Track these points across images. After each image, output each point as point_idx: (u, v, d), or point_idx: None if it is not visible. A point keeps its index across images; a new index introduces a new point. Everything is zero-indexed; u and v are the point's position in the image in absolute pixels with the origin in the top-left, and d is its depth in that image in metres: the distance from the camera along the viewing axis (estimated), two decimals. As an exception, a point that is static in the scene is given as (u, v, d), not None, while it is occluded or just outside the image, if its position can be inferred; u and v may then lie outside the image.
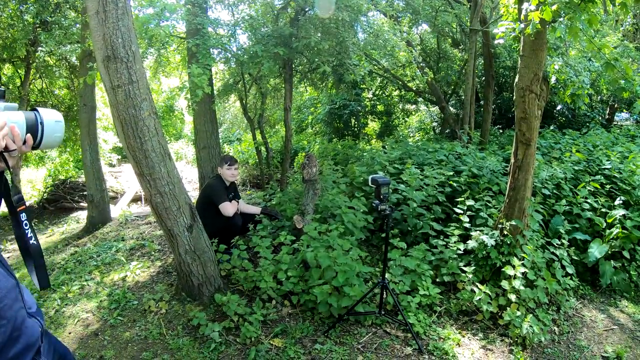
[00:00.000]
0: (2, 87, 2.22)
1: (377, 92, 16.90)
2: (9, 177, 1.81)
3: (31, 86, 11.98)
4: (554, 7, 4.13)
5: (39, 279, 1.85)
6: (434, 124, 17.72)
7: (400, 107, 17.79)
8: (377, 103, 17.01)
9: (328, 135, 16.74)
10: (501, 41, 5.34)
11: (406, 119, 18.35)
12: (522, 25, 4.48)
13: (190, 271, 5.06)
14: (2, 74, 11.56)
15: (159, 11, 6.05)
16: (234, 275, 5.51)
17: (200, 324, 4.65)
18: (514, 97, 5.16)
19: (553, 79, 6.31)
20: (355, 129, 16.97)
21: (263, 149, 9.68)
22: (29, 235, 1.80)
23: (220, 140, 10.16)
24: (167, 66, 10.97)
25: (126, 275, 6.09)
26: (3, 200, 1.79)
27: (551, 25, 4.32)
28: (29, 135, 1.77)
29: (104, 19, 4.05)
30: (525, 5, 4.36)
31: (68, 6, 9.88)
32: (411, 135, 17.88)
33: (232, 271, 5.56)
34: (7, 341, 1.59)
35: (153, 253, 6.93)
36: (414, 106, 18.22)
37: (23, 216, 1.81)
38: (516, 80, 5.05)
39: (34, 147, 1.81)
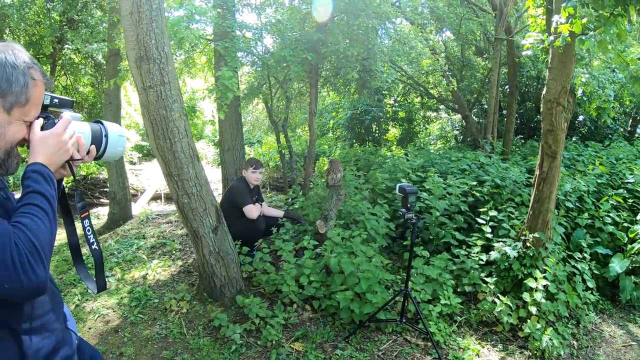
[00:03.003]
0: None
1: (399, 99, 16.88)
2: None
3: (55, 83, 12.11)
4: (584, 20, 4.13)
5: (98, 282, 1.90)
6: (456, 132, 17.66)
7: (422, 114, 17.74)
8: (399, 109, 16.98)
9: (349, 141, 16.73)
10: (529, 52, 5.34)
11: (427, 126, 18.29)
12: (552, 38, 4.47)
13: (213, 272, 5.10)
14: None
15: (189, 14, 6.10)
16: (255, 278, 5.55)
17: (222, 325, 4.69)
18: (541, 109, 5.14)
19: (579, 92, 6.30)
20: (376, 135, 16.94)
21: (286, 152, 9.70)
22: (91, 240, 1.84)
23: (242, 142, 10.19)
24: (193, 67, 11.04)
25: (147, 274, 6.16)
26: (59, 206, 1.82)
27: (579, 38, 4.32)
28: (93, 146, 1.83)
29: (138, 20, 4.09)
30: (555, 17, 4.35)
31: (95, 5, 10.00)
32: (432, 143, 17.83)
33: (253, 273, 5.61)
34: (50, 352, 1.65)
35: (174, 252, 6.98)
36: (435, 113, 18.16)
37: (86, 222, 1.85)
38: (544, 92, 5.04)
39: (96, 158, 1.87)
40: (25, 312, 1.58)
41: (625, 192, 7.12)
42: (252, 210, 5.98)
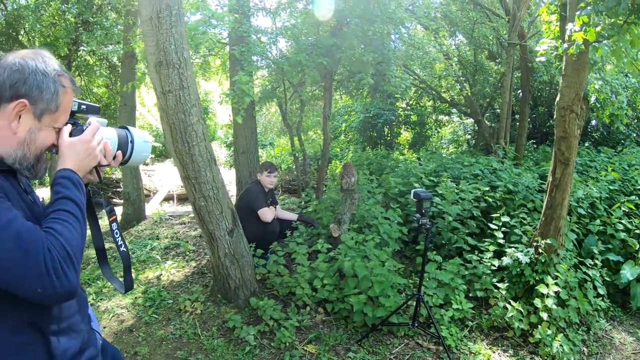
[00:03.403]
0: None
1: (411, 102, 16.89)
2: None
3: None
4: (598, 29, 4.16)
5: (126, 281, 1.96)
6: (468, 136, 17.64)
7: (433, 118, 17.75)
8: (411, 113, 16.99)
9: (361, 144, 16.74)
10: (542, 59, 5.36)
11: (439, 130, 18.29)
12: (566, 45, 4.50)
13: (228, 274, 5.15)
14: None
15: (206, 18, 6.16)
16: (269, 280, 5.59)
17: (236, 326, 4.74)
18: (554, 116, 5.17)
19: (593, 99, 6.31)
20: (388, 138, 16.97)
21: (300, 155, 9.75)
22: (119, 242, 1.89)
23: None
24: (208, 71, 11.11)
25: (161, 274, 6.21)
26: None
27: (593, 45, 4.34)
28: (119, 151, 1.88)
29: (158, 25, 4.14)
30: (569, 25, 4.38)
31: (109, 7, 10.09)
32: (444, 147, 17.80)
33: (267, 276, 5.64)
34: (77, 353, 1.69)
35: (187, 253, 7.05)
36: (447, 117, 18.15)
37: (114, 225, 1.90)
38: (557, 99, 5.07)
39: (122, 163, 1.91)
40: (54, 314, 1.62)
41: (637, 198, 7.12)
42: (267, 214, 6.03)
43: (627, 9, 4.02)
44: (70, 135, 1.71)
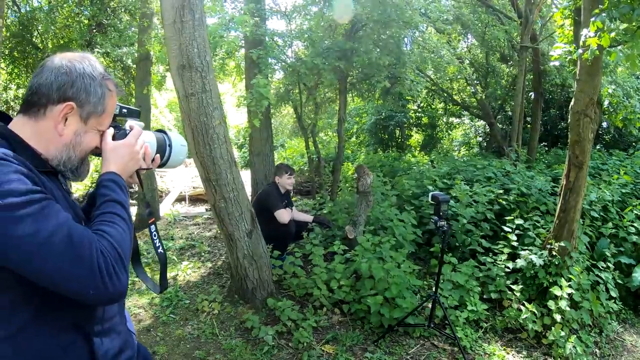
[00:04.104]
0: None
1: (422, 105, 16.94)
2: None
3: None
4: (613, 35, 4.22)
5: (162, 282, 2.00)
6: (479, 138, 17.66)
7: (444, 120, 17.79)
8: (422, 115, 17.03)
9: (372, 146, 16.82)
10: (556, 63, 5.43)
11: (450, 132, 18.32)
12: (580, 51, 4.55)
13: (246, 275, 5.20)
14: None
15: (226, 21, 6.22)
16: (285, 281, 5.66)
17: (254, 326, 4.78)
18: (569, 121, 5.24)
19: (606, 102, 6.37)
20: (400, 141, 17.04)
21: (314, 157, 9.79)
22: (157, 244, 1.92)
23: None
24: (222, 74, 11.17)
25: (177, 274, 6.27)
26: None
27: (607, 50, 4.40)
28: (157, 155, 1.91)
29: (181, 28, 4.18)
30: (584, 31, 4.44)
31: (123, 10, 10.18)
32: (456, 149, 17.82)
33: (283, 277, 5.71)
34: (117, 354, 1.70)
35: (203, 254, 7.12)
36: (458, 120, 18.19)
37: (153, 227, 1.93)
38: (571, 104, 5.13)
39: (159, 166, 1.95)
40: (97, 315, 1.63)
41: (649, 202, 7.15)
42: (283, 215, 6.09)
43: (640, 14, 4.08)
44: (113, 138, 1.74)
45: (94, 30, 9.93)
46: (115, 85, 1.71)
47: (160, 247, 1.94)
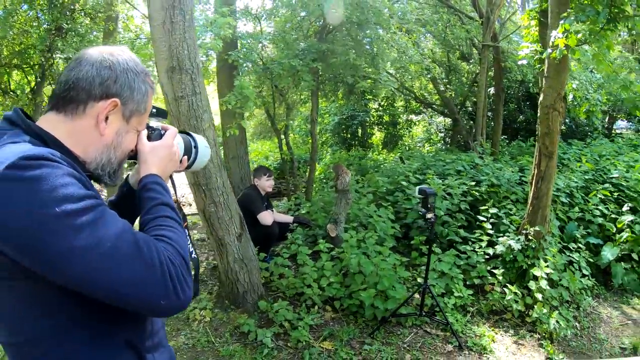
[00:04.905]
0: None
1: (383, 103, 17.22)
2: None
3: (45, 91, 11.84)
4: (579, 36, 4.54)
5: (194, 288, 1.83)
6: (441, 134, 18.00)
7: (404, 117, 18.11)
8: (383, 114, 17.31)
9: (335, 146, 16.99)
10: (524, 62, 5.71)
11: (410, 129, 18.63)
12: (549, 50, 4.84)
13: (237, 279, 5.17)
14: (11, 79, 11.31)
15: (208, 23, 6.17)
16: (273, 283, 5.69)
17: (250, 330, 4.76)
18: (538, 115, 5.54)
19: (570, 97, 6.72)
20: (362, 139, 17.26)
21: (288, 158, 9.83)
22: (190, 249, 1.68)
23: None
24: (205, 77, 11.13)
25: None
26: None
27: (572, 49, 4.72)
28: (185, 157, 1.81)
29: (171, 30, 4.12)
30: (553, 33, 4.73)
31: (83, 13, 10.00)
32: (419, 146, 18.12)
33: (270, 278, 5.74)
34: None
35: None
36: (418, 117, 18.51)
37: (185, 232, 1.66)
38: (540, 99, 5.45)
39: (185, 168, 1.86)
40: (147, 330, 1.53)
41: (610, 186, 7.52)
42: (266, 217, 6.15)
43: (605, 17, 4.40)
44: (148, 139, 1.62)
45: (54, 35, 9.68)
46: (153, 83, 1.58)
47: (194, 253, 1.73)
